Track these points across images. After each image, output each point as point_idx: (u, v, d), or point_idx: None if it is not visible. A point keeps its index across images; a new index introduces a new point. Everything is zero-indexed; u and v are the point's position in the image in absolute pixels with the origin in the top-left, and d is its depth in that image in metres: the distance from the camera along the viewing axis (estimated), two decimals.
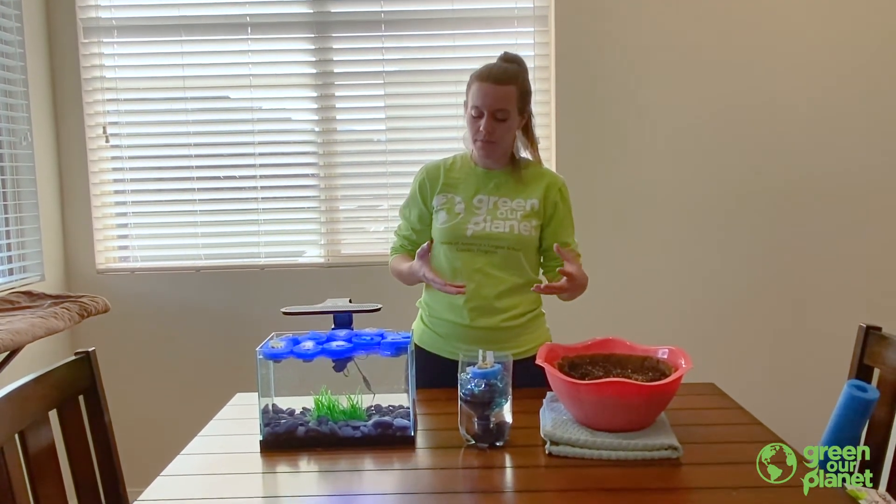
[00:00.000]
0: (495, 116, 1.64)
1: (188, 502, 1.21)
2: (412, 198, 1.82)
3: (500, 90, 1.64)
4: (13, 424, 1.24)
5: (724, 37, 2.64)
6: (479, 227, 1.70)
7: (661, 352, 1.49)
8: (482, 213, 1.71)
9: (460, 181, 1.76)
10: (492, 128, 1.64)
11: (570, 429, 1.36)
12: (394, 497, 1.20)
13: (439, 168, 1.79)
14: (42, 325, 1.87)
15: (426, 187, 1.78)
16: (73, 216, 2.72)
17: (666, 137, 2.68)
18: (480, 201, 1.73)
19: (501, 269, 1.71)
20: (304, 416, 1.46)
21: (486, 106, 1.64)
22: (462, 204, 1.73)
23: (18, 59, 2.49)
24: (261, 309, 2.72)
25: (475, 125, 1.66)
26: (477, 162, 1.77)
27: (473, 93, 1.66)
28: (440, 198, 1.76)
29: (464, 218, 1.71)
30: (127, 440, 1.84)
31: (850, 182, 2.68)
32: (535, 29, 2.69)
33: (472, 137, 1.69)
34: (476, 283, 1.70)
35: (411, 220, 1.83)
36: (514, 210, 1.72)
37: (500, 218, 1.71)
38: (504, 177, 1.75)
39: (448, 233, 1.72)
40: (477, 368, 1.33)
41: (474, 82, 1.67)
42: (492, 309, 1.71)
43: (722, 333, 2.73)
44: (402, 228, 1.87)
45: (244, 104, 2.77)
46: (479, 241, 1.70)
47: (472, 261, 1.71)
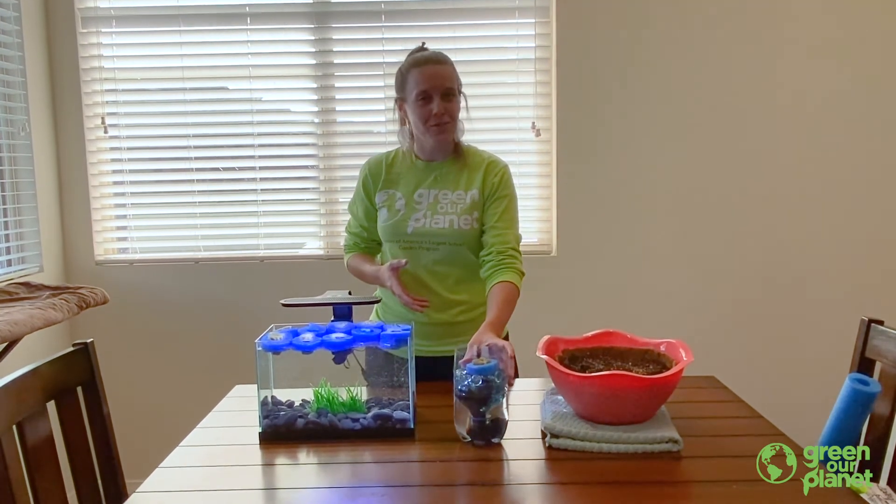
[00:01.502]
0: (444, 96, 1.63)
1: (187, 494, 1.20)
2: (357, 195, 1.80)
3: (442, 69, 1.64)
4: (11, 415, 1.23)
5: (726, 29, 2.63)
6: (420, 224, 1.68)
7: (662, 345, 1.48)
8: (423, 208, 1.69)
9: (401, 176, 1.73)
10: (444, 108, 1.62)
11: (570, 422, 1.35)
12: (394, 489, 1.20)
13: (381, 163, 1.76)
14: (40, 317, 1.86)
15: (369, 183, 1.76)
16: (71, 207, 2.71)
17: (668, 129, 2.67)
18: (421, 196, 1.71)
19: (446, 264, 1.70)
20: (303, 409, 1.46)
21: (433, 87, 1.62)
22: (402, 200, 1.71)
23: (16, 49, 2.48)
24: (260, 301, 2.71)
25: (425, 111, 1.63)
26: (420, 154, 1.73)
27: (414, 79, 1.63)
28: (381, 195, 1.74)
29: (404, 215, 1.70)
30: (126, 432, 1.84)
31: (851, 178, 2.67)
32: (536, 20, 2.68)
33: (424, 125, 1.64)
34: (425, 280, 1.70)
35: (359, 217, 1.80)
36: (455, 203, 1.69)
37: (441, 213, 1.68)
38: (445, 168, 1.72)
39: (389, 231, 1.71)
40: (473, 364, 1.32)
41: (411, 70, 1.64)
42: (445, 303, 1.71)
43: (723, 326, 2.72)
44: (352, 226, 1.83)
45: (243, 95, 2.75)
46: (421, 238, 1.69)
47: (416, 258, 1.69)
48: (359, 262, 1.78)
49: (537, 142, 2.73)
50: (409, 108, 1.67)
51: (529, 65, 2.68)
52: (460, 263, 1.71)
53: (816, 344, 2.70)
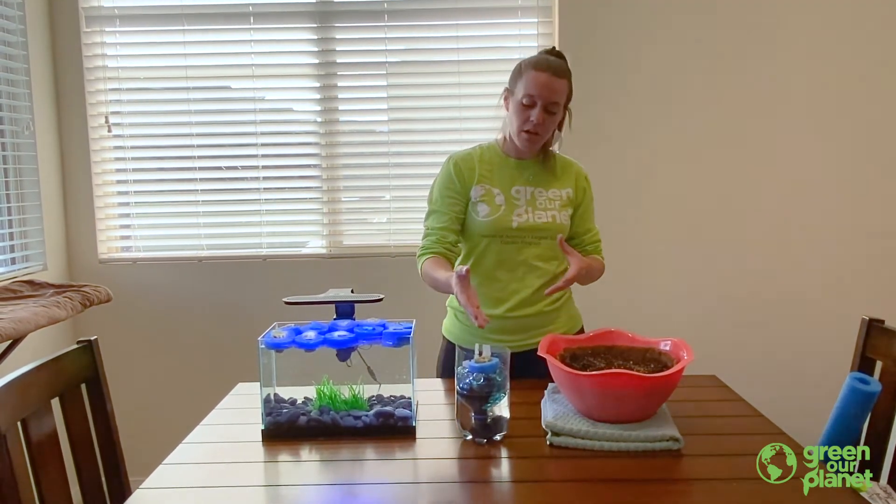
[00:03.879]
0: (547, 109, 1.62)
1: (190, 490, 1.21)
2: (445, 189, 1.72)
3: (557, 83, 1.61)
4: (15, 412, 1.24)
5: (730, 29, 2.63)
6: (523, 219, 1.69)
7: (663, 343, 1.48)
8: (521, 204, 1.70)
9: (494, 172, 1.73)
10: (542, 119, 1.62)
11: (571, 420, 1.36)
12: (396, 486, 1.20)
13: (472, 158, 1.74)
14: (44, 315, 1.87)
15: (463, 176, 1.71)
16: (75, 205, 2.72)
17: (670, 128, 2.67)
18: (518, 192, 1.71)
19: (545, 259, 1.71)
20: (305, 406, 1.46)
21: (540, 97, 1.61)
22: (502, 196, 1.70)
23: (20, 48, 2.49)
24: (263, 299, 2.72)
25: (524, 114, 1.63)
26: (509, 153, 1.74)
27: (527, 81, 1.61)
28: (478, 189, 1.71)
29: (507, 210, 1.69)
30: (129, 429, 1.85)
31: (854, 175, 2.67)
32: (539, 20, 2.68)
33: (518, 127, 1.65)
34: (521, 274, 1.71)
35: (448, 213, 1.70)
36: (552, 200, 1.72)
37: (541, 208, 1.70)
38: (536, 167, 1.74)
39: (492, 226, 1.69)
40: (474, 362, 1.33)
41: (529, 70, 1.62)
42: (535, 299, 1.71)
43: (724, 325, 2.72)
44: (435, 222, 1.71)
45: (246, 94, 2.76)
46: (524, 232, 1.69)
47: (517, 253, 1.70)
48: (434, 267, 1.64)
49: None
50: (511, 103, 1.68)
51: None
52: (555, 258, 1.72)
53: (817, 343, 2.70)
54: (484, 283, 1.72)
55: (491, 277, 1.72)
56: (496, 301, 1.72)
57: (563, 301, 1.79)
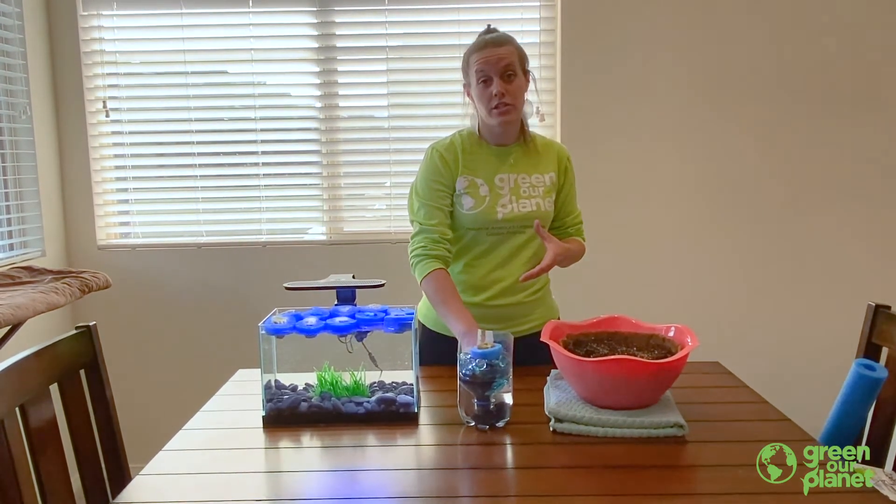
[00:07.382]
0: (504, 77, 1.61)
1: (190, 477, 1.20)
2: (431, 182, 1.67)
3: (501, 50, 1.61)
4: (14, 398, 1.23)
5: (734, 16, 2.60)
6: (508, 210, 1.67)
7: (667, 330, 1.47)
8: (506, 193, 1.68)
9: (477, 162, 1.70)
10: (504, 88, 1.60)
11: (574, 406, 1.35)
12: (397, 473, 1.20)
13: (454, 147, 1.69)
14: (43, 301, 1.86)
15: (450, 167, 1.67)
16: (73, 191, 2.70)
17: (673, 115, 2.65)
18: (502, 181, 1.69)
19: (529, 246, 1.70)
20: (306, 392, 1.45)
21: (492, 69, 1.60)
22: (486, 186, 1.68)
23: (17, 32, 2.46)
24: (263, 286, 2.71)
25: (487, 93, 1.61)
26: (488, 139, 1.71)
27: (475, 64, 1.62)
28: (463, 180, 1.68)
29: (491, 201, 1.67)
30: (129, 415, 1.84)
31: (856, 164, 2.65)
32: (541, 4, 2.65)
33: (487, 107, 1.63)
34: (504, 262, 1.69)
35: (445, 203, 1.67)
36: (535, 186, 1.70)
37: (525, 196, 1.69)
38: (518, 152, 1.72)
39: (478, 219, 1.67)
40: (477, 348, 1.32)
41: (472, 54, 1.63)
42: (517, 288, 1.70)
43: (728, 311, 2.71)
44: (434, 217, 1.66)
45: (245, 79, 2.73)
46: (509, 223, 1.68)
47: (501, 243, 1.69)
48: (443, 289, 1.59)
49: (541, 126, 2.70)
50: (473, 93, 1.66)
51: (534, 49, 2.65)
52: (539, 246, 1.71)
53: (822, 329, 2.69)
54: (466, 271, 1.71)
55: (474, 266, 1.71)
56: (476, 289, 1.70)
57: (542, 292, 1.78)
